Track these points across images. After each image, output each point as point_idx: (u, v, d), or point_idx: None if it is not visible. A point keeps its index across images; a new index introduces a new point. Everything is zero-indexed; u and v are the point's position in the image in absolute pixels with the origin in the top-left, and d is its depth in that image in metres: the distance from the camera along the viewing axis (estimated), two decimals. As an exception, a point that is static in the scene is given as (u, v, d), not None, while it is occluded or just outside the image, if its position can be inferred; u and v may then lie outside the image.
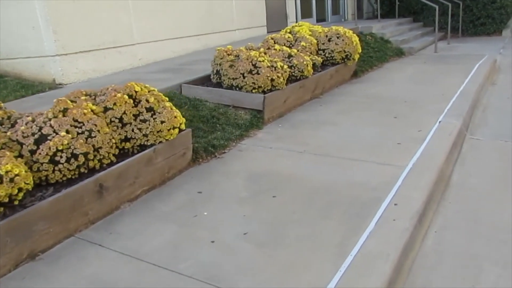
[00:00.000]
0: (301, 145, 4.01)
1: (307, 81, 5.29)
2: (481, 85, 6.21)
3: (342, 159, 3.65)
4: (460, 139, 4.24)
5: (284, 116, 4.90)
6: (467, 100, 5.24)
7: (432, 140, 3.99)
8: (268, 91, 4.70)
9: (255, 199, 3.07)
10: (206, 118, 4.45)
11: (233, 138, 4.18)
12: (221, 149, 3.97)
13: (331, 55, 6.07)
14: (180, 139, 3.54)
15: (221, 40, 8.15)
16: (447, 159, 3.69)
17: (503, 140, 4.34)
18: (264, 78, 4.56)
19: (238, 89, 4.70)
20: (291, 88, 5.02)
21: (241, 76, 4.64)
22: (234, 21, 8.53)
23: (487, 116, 5.12)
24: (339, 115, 4.86)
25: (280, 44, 5.92)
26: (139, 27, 6.55)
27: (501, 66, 8.22)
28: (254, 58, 4.64)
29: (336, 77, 6.09)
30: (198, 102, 4.77)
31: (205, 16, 7.79)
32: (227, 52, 4.89)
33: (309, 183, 3.26)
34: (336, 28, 6.16)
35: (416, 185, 3.13)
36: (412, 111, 4.88)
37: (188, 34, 7.48)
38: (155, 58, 6.87)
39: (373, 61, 7.58)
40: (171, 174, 3.51)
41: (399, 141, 3.98)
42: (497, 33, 12.42)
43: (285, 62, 5.12)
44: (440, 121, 4.49)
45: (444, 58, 8.59)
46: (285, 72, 4.79)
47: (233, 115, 4.58)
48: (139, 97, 3.37)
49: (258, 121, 4.57)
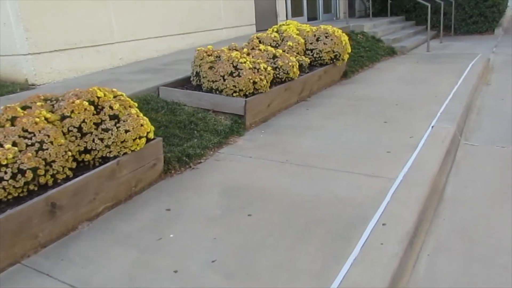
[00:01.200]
0: (283, 154, 3.66)
1: (293, 83, 4.93)
2: (475, 86, 5.88)
3: (327, 170, 3.30)
4: (454, 146, 3.90)
5: (268, 121, 4.54)
6: (460, 102, 4.90)
7: (424, 147, 3.64)
8: (251, 94, 4.34)
9: (228, 218, 2.71)
10: (183, 123, 4.09)
11: (210, 146, 3.81)
12: (196, 158, 3.61)
13: (319, 55, 5.71)
14: (149, 150, 3.18)
15: (207, 39, 7.78)
16: (441, 169, 3.34)
17: (499, 145, 4.00)
18: (246, 80, 4.20)
19: (218, 92, 4.34)
20: (276, 91, 4.66)
21: (221, 78, 4.27)
22: (222, 19, 8.15)
23: (481, 119, 4.78)
24: (326, 119, 4.50)
25: (266, 43, 5.56)
26: (119, 25, 6.17)
27: (495, 65, 7.89)
28: (235, 59, 4.27)
29: (325, 78, 5.74)
30: (176, 106, 4.40)
31: (191, 14, 7.40)
32: (207, 52, 4.52)
33: (288, 199, 2.91)
34: (324, 27, 5.80)
35: (407, 201, 2.78)
36: (403, 115, 4.53)
37: (172, 32, 7.10)
38: (137, 58, 6.50)
39: (364, 61, 7.23)
40: (139, 188, 3.15)
41: (389, 149, 3.64)
42: (489, 31, 12.09)
43: (269, 63, 4.75)
44: (432, 126, 4.15)
45: (436, 58, 8.25)
46: (268, 74, 4.43)
47: (212, 120, 4.21)
48: (102, 104, 3.00)
49: (239, 127, 4.21)
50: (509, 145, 4.00)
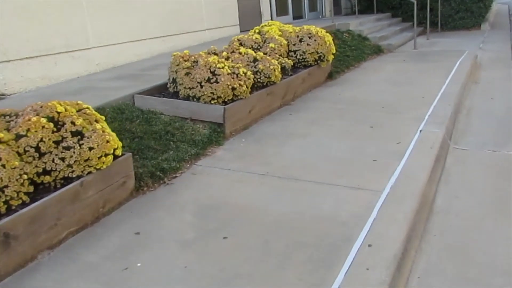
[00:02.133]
0: (265, 165, 3.43)
1: (275, 87, 4.70)
2: (463, 85, 5.69)
3: (309, 183, 3.07)
4: (444, 151, 3.69)
5: (250, 128, 4.30)
6: (449, 104, 4.70)
7: (412, 155, 3.43)
8: (230, 101, 4.10)
9: (202, 242, 2.47)
10: (159, 134, 3.84)
11: (187, 158, 3.57)
12: (172, 173, 3.36)
13: (303, 57, 5.48)
14: (117, 167, 2.93)
15: (189, 41, 7.52)
16: (430, 178, 3.13)
17: (490, 149, 3.81)
18: (224, 87, 3.96)
19: (196, 99, 4.09)
20: (257, 97, 4.43)
21: (198, 85, 4.03)
22: (204, 21, 7.89)
23: (471, 121, 4.59)
24: (310, 125, 4.28)
25: (247, 46, 5.32)
26: (95, 29, 5.89)
27: (482, 62, 7.73)
28: (212, 64, 4.03)
29: (309, 81, 5.51)
30: (152, 115, 4.15)
31: (171, 16, 7.13)
32: (183, 57, 4.27)
33: (268, 217, 2.68)
34: (307, 28, 5.57)
35: (394, 217, 2.57)
36: (390, 119, 4.32)
37: (152, 35, 6.83)
38: (115, 63, 6.22)
39: (350, 61, 7.01)
40: (108, 209, 2.90)
41: (375, 157, 3.42)
42: (476, 27, 11.95)
43: (250, 67, 4.52)
44: (420, 130, 3.94)
45: (423, 55, 8.06)
46: (248, 79, 4.19)
47: (190, 129, 3.97)
48: (63, 119, 2.74)
49: (219, 136, 3.96)
50: (500, 148, 3.81)
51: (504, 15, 16.09)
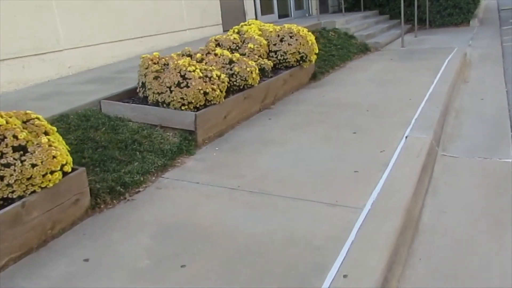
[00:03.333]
0: (237, 177, 3.12)
1: (253, 91, 4.39)
2: (452, 85, 5.41)
3: (283, 199, 2.76)
4: (431, 159, 3.40)
5: (225, 134, 3.99)
6: (437, 105, 4.41)
7: (397, 164, 3.13)
8: (203, 106, 3.78)
9: (157, 272, 2.16)
10: (125, 143, 3.53)
11: (153, 170, 3.25)
12: (134, 187, 3.05)
13: (284, 57, 5.17)
14: (68, 184, 2.61)
15: (169, 42, 7.18)
16: (416, 191, 2.84)
17: (481, 156, 3.52)
18: (195, 91, 3.64)
19: (166, 105, 3.77)
20: (233, 101, 4.11)
21: (167, 90, 3.71)
22: (184, 20, 7.55)
23: (461, 124, 4.30)
24: (289, 131, 3.97)
25: (224, 46, 5.00)
26: (67, 30, 5.54)
27: (472, 59, 7.46)
28: (182, 67, 3.71)
29: (291, 82, 5.20)
30: (119, 122, 3.83)
31: (149, 15, 6.79)
32: (152, 60, 3.95)
33: (234, 241, 2.37)
34: (288, 27, 5.26)
35: (374, 241, 2.27)
36: (374, 123, 4.02)
37: (129, 36, 6.49)
38: (89, 65, 5.88)
39: (335, 60, 6.71)
40: (58, 230, 2.58)
41: (357, 167, 3.12)
42: (465, 23, 11.69)
43: (225, 69, 4.20)
44: (406, 136, 3.64)
45: (411, 54, 7.78)
46: (222, 82, 3.87)
47: (159, 138, 3.65)
48: (4, 133, 2.42)
49: (190, 144, 3.65)
50: (492, 154, 3.53)
51: (493, 10, 15.85)
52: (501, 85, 5.65)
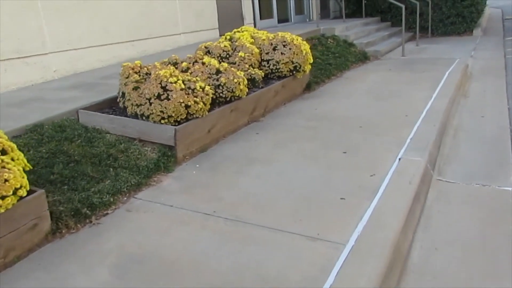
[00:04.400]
0: (214, 200, 2.87)
1: (241, 103, 4.14)
2: (452, 100, 5.16)
3: (260, 229, 2.52)
4: (425, 186, 3.15)
5: (208, 149, 3.75)
6: (434, 123, 4.17)
7: (387, 191, 2.89)
8: (184, 120, 3.54)
9: (110, 317, 1.92)
10: (99, 158, 3.29)
11: (125, 190, 3.01)
12: (103, 209, 2.81)
13: (276, 67, 4.93)
14: (25, 208, 2.37)
15: (162, 46, 6.95)
16: (406, 223, 2.59)
17: (480, 183, 3.27)
18: (176, 104, 3.40)
19: (145, 118, 3.53)
20: (218, 114, 3.87)
21: (147, 102, 3.47)
22: (179, 24, 7.31)
23: (459, 145, 4.06)
24: (276, 147, 3.73)
25: (214, 54, 4.76)
26: (53, 33, 5.31)
27: (473, 71, 7.21)
28: (163, 78, 3.47)
29: (283, 93, 4.96)
30: (96, 135, 3.60)
31: (141, 18, 6.55)
32: (133, 69, 3.71)
33: (201, 278, 2.13)
34: (282, 35, 5.02)
35: (356, 285, 2.02)
36: (366, 142, 3.77)
37: (119, 39, 6.25)
38: (76, 69, 5.64)
39: (332, 70, 6.46)
40: (12, 258, 2.35)
41: (344, 194, 2.87)
42: (468, 32, 11.43)
43: (211, 80, 3.96)
44: (400, 158, 3.40)
45: (411, 64, 7.53)
46: (207, 94, 3.63)
47: (136, 153, 3.41)
48: (-50, 153, 2.18)
49: (168, 160, 3.41)
50: (491, 181, 3.28)
51: (497, 20, 15.58)
52: (503, 101, 5.40)
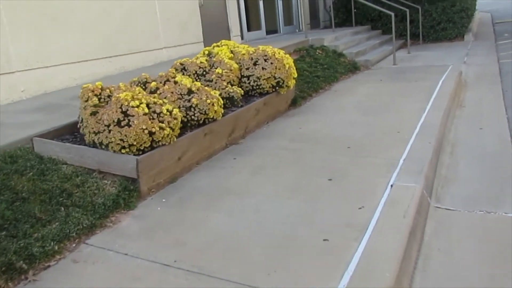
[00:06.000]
0: (176, 246, 2.41)
1: (216, 125, 3.69)
2: (447, 111, 4.72)
3: (226, 284, 2.05)
4: (422, 217, 2.70)
5: (179, 179, 3.29)
6: (429, 140, 3.72)
7: (378, 229, 2.43)
8: (149, 148, 3.08)
9: None
10: (50, 194, 2.83)
11: (75, 234, 2.54)
12: (44, 260, 2.34)
13: (257, 83, 4.48)
14: None
15: (142, 62, 6.51)
16: (401, 269, 2.13)
17: (484, 209, 2.82)
18: (138, 131, 2.94)
19: (104, 147, 3.07)
20: (190, 139, 3.42)
21: (106, 129, 3.01)
22: (160, 38, 6.88)
23: (457, 163, 3.60)
24: (253, 175, 3.27)
25: (190, 71, 4.32)
26: (19, 50, 4.87)
27: (468, 79, 6.79)
28: (124, 102, 3.02)
29: (266, 111, 4.51)
30: (51, 166, 3.14)
31: (119, 32, 6.12)
32: (93, 91, 3.26)
33: None
34: (263, 48, 4.58)
35: None
36: (355, 165, 3.32)
37: (95, 55, 5.81)
38: (46, 89, 5.20)
39: (320, 82, 6.02)
40: None
41: (328, 233, 2.41)
42: (459, 37, 11.06)
43: (182, 101, 3.51)
44: (392, 184, 2.94)
45: (403, 73, 7.10)
46: (174, 119, 3.18)
47: (94, 187, 2.95)
48: None
49: (131, 195, 2.94)
50: (497, 206, 2.84)
51: (487, 24, 15.22)
52: (501, 110, 4.97)
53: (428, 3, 10.63)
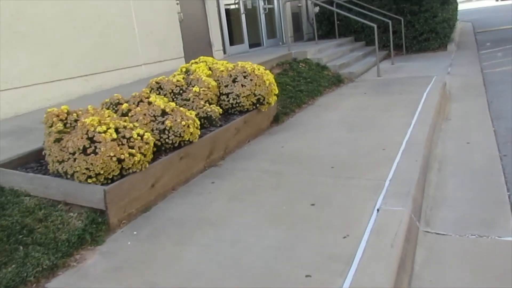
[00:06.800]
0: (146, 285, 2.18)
1: (193, 148, 3.49)
2: (433, 125, 4.58)
3: (197, 337, 1.83)
4: (411, 245, 2.51)
5: (153, 208, 3.07)
6: (416, 158, 3.56)
7: (365, 261, 2.23)
8: (119, 176, 2.86)
9: None
10: (9, 231, 2.59)
11: (32, 278, 2.30)
12: (-4, 310, 2.09)
13: (236, 101, 4.29)
14: None
15: (121, 79, 6.29)
16: (390, 309, 1.93)
17: (476, 233, 2.65)
18: (105, 159, 2.72)
19: (70, 176, 2.84)
20: (165, 164, 3.20)
21: (71, 157, 2.79)
22: (139, 54, 6.67)
23: (445, 181, 3.44)
24: (232, 202, 3.06)
25: (166, 90, 4.12)
26: (-14, 72, 4.63)
27: (452, 90, 6.69)
28: (90, 127, 2.80)
29: (246, 130, 4.32)
30: (12, 199, 2.90)
31: (96, 50, 5.90)
32: (59, 116, 3.04)
33: None
34: (242, 65, 4.40)
35: None
36: (339, 188, 3.13)
37: (70, 74, 5.58)
38: (18, 110, 4.95)
39: (303, 97, 5.86)
40: None
41: (310, 268, 2.21)
42: (442, 47, 11.04)
43: (155, 123, 3.31)
44: (378, 208, 2.76)
45: (387, 85, 6.98)
46: (146, 143, 2.97)
47: (58, 221, 2.71)
48: None
49: (98, 229, 2.71)
50: (489, 229, 2.66)
51: (469, 33, 15.30)
52: (487, 122, 4.85)
53: (410, 14, 10.61)
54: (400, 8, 10.61)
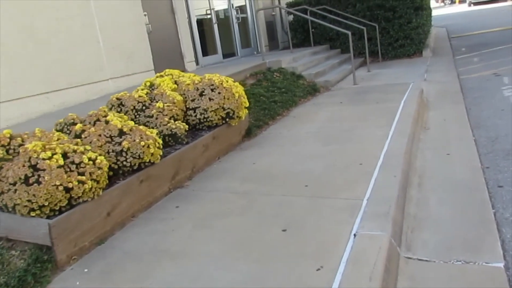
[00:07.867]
0: None
1: (155, 169, 3.21)
2: (411, 137, 4.39)
3: None
4: (392, 276, 2.27)
5: (109, 239, 2.77)
6: (395, 173, 3.34)
7: (341, 299, 1.98)
8: (67, 207, 2.56)
9: None
10: None
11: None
12: None
13: (204, 116, 4.03)
14: None
15: (86, 95, 5.96)
16: None
17: (461, 258, 2.43)
18: (49, 189, 2.42)
19: (12, 209, 2.53)
20: (122, 189, 2.91)
21: (11, 188, 2.47)
22: (105, 69, 6.36)
23: (427, 198, 3.23)
24: (197, 229, 2.78)
25: (128, 107, 3.83)
26: None
27: (429, 97, 6.56)
28: (33, 154, 2.49)
29: (216, 146, 4.06)
30: None
31: (58, 65, 5.57)
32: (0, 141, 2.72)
33: None
34: (209, 77, 4.15)
35: None
36: (313, 210, 2.89)
37: (30, 92, 5.23)
38: (-29, 134, 4.56)
39: (277, 108, 5.64)
40: None
41: (280, 309, 1.94)
42: (417, 54, 11.00)
43: (111, 145, 3.01)
44: (355, 233, 2.52)
45: (364, 93, 6.81)
46: (99, 168, 2.68)
47: (-4, 261, 2.39)
48: None
49: (44, 268, 2.40)
50: (475, 254, 2.44)
51: (444, 38, 15.39)
52: (467, 131, 4.69)
53: (384, 21, 10.55)
54: (374, 14, 10.54)
